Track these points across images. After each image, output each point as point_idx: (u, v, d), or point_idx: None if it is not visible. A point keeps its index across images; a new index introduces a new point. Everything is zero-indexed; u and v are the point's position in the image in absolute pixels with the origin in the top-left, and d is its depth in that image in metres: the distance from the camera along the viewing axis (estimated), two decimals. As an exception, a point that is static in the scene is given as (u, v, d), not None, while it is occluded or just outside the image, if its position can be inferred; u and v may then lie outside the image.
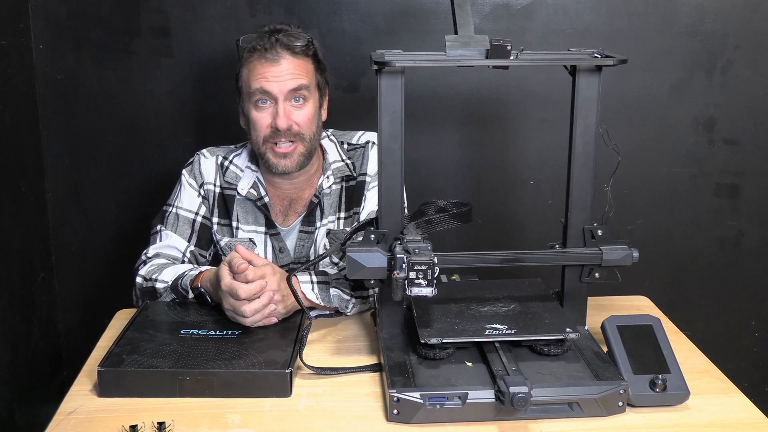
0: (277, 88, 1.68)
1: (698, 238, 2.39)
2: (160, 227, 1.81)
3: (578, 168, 1.44)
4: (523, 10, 2.19)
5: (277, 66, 1.68)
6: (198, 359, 1.38)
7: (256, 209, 1.82)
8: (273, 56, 1.68)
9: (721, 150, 2.32)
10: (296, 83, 1.69)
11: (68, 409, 1.31)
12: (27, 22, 2.09)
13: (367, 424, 1.28)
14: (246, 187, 1.82)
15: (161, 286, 1.67)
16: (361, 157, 1.86)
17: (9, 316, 1.97)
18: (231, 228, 1.83)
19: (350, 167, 1.85)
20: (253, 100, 1.71)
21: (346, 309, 1.65)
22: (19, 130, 2.06)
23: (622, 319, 1.41)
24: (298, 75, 1.70)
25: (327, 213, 1.84)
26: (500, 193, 2.32)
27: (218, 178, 1.83)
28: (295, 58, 1.70)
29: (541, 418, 1.27)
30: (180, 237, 1.80)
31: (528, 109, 2.26)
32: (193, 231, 1.81)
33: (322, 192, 1.82)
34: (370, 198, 1.84)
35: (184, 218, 1.81)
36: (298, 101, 1.72)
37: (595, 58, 1.38)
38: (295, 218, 1.85)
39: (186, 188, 1.83)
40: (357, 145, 1.87)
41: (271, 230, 1.83)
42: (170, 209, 1.82)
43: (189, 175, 1.84)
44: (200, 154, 1.85)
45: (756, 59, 2.25)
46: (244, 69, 1.72)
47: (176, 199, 1.83)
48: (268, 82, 1.68)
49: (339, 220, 1.85)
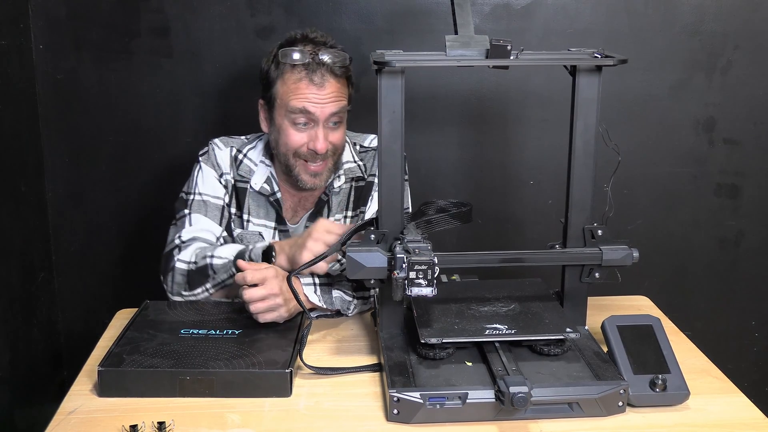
0: (320, 111, 1.68)
1: (698, 238, 2.39)
2: (187, 212, 1.76)
3: (578, 168, 1.44)
4: (523, 10, 2.19)
5: (322, 90, 1.67)
6: (198, 359, 1.38)
7: (268, 204, 1.82)
8: (318, 79, 1.67)
9: (721, 150, 2.32)
10: (338, 107, 1.70)
11: (68, 409, 1.31)
12: (27, 22, 2.09)
13: (367, 424, 1.28)
14: (260, 182, 1.81)
15: (219, 262, 1.62)
16: (372, 159, 1.87)
17: (9, 315, 1.97)
18: (242, 220, 1.82)
19: (361, 168, 1.86)
20: (290, 117, 1.70)
21: (348, 310, 1.65)
22: (19, 130, 2.06)
23: (622, 319, 1.41)
24: (339, 98, 1.70)
25: (335, 211, 1.85)
26: (500, 193, 2.32)
27: (233, 170, 1.82)
28: (337, 81, 1.70)
29: (541, 418, 1.27)
30: (213, 221, 1.77)
31: (528, 109, 2.26)
32: (223, 217, 1.79)
33: (332, 190, 1.83)
34: (376, 198, 1.83)
35: (213, 204, 1.78)
36: (335, 125, 1.73)
37: (595, 58, 1.38)
38: (303, 214, 1.86)
39: (209, 176, 1.79)
40: (369, 148, 1.89)
41: (280, 226, 1.84)
42: (193, 196, 1.78)
43: (208, 164, 1.80)
44: (214, 144, 1.82)
45: (756, 59, 2.25)
46: (282, 83, 1.70)
47: (197, 185, 1.79)
48: (312, 104, 1.67)
49: (345, 218, 1.87)
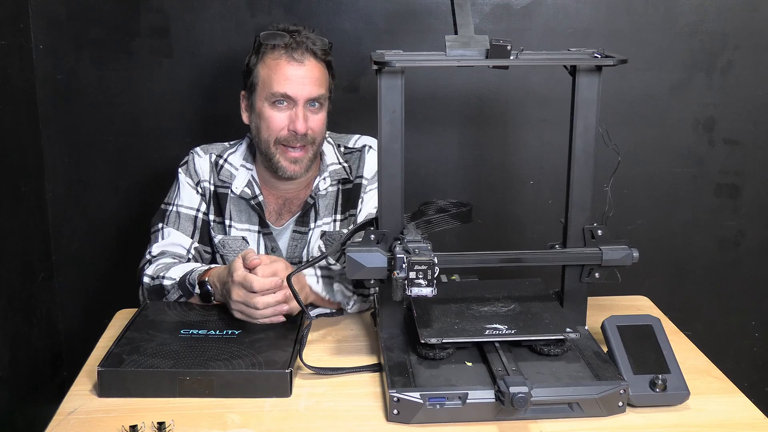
0: (300, 90, 1.68)
1: (698, 238, 2.39)
2: (162, 225, 1.80)
3: (578, 168, 1.44)
4: (523, 10, 2.19)
5: (302, 67, 1.68)
6: (198, 359, 1.38)
7: (249, 208, 1.82)
8: (299, 56, 1.68)
9: (721, 150, 2.32)
10: (317, 89, 1.70)
11: (68, 409, 1.31)
12: (27, 22, 2.09)
13: (367, 424, 1.28)
14: (240, 186, 1.81)
15: (169, 283, 1.67)
16: (358, 161, 1.86)
17: (9, 316, 1.97)
18: (224, 226, 1.83)
19: (347, 170, 1.85)
20: (271, 98, 1.70)
21: (347, 305, 1.66)
22: (19, 130, 2.06)
23: (622, 319, 1.41)
24: (318, 80, 1.71)
25: (322, 214, 1.84)
26: (500, 193, 2.32)
27: (212, 177, 1.83)
28: (317, 62, 1.71)
29: (541, 418, 1.26)
30: (183, 234, 1.80)
31: (528, 109, 2.26)
32: (196, 227, 1.81)
33: (318, 193, 1.82)
34: (367, 200, 1.84)
35: (186, 215, 1.81)
36: (314, 106, 1.72)
37: (595, 58, 1.38)
38: (288, 217, 1.84)
39: (185, 186, 1.83)
40: (354, 149, 1.88)
41: (264, 229, 1.83)
42: (170, 207, 1.82)
43: (186, 174, 1.83)
44: (194, 153, 1.85)
45: (756, 59, 2.25)
46: (263, 65, 1.71)
47: (175, 197, 1.83)
48: (291, 82, 1.68)
49: (335, 222, 1.85)
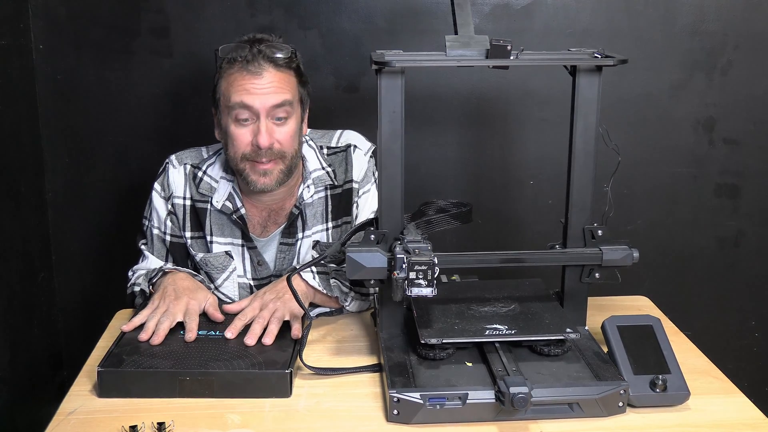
0: (259, 103, 1.60)
1: (698, 238, 2.39)
2: (142, 244, 1.80)
3: (578, 168, 1.44)
4: (523, 10, 2.19)
5: (259, 78, 1.59)
6: (198, 359, 1.38)
7: (231, 222, 1.75)
8: (255, 68, 1.59)
9: (721, 150, 2.32)
10: (279, 98, 1.61)
11: (68, 409, 1.31)
12: (27, 22, 2.08)
13: (367, 424, 1.28)
14: (221, 200, 1.74)
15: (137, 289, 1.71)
16: (344, 163, 1.79)
17: (9, 316, 1.96)
18: (205, 241, 1.76)
19: (330, 175, 1.78)
20: (232, 114, 1.62)
21: (345, 302, 1.65)
22: (19, 130, 2.06)
23: (622, 319, 1.41)
24: (281, 89, 1.61)
25: (311, 224, 1.77)
26: (500, 193, 2.32)
27: (188, 190, 1.76)
28: (278, 71, 1.61)
29: (541, 418, 1.27)
30: (157, 258, 1.78)
31: (528, 109, 2.25)
32: (167, 250, 1.79)
33: (303, 203, 1.75)
34: (362, 204, 1.78)
35: (158, 237, 1.79)
36: (280, 119, 1.63)
37: (595, 58, 1.38)
38: (274, 229, 1.77)
39: (156, 202, 1.78)
40: (338, 148, 1.80)
41: (248, 243, 1.76)
42: (147, 224, 1.81)
43: (159, 188, 1.78)
44: (169, 163, 1.79)
45: (756, 59, 2.25)
46: (223, 80, 1.63)
47: (150, 212, 1.80)
48: (250, 95, 1.59)
49: (327, 230, 1.78)
